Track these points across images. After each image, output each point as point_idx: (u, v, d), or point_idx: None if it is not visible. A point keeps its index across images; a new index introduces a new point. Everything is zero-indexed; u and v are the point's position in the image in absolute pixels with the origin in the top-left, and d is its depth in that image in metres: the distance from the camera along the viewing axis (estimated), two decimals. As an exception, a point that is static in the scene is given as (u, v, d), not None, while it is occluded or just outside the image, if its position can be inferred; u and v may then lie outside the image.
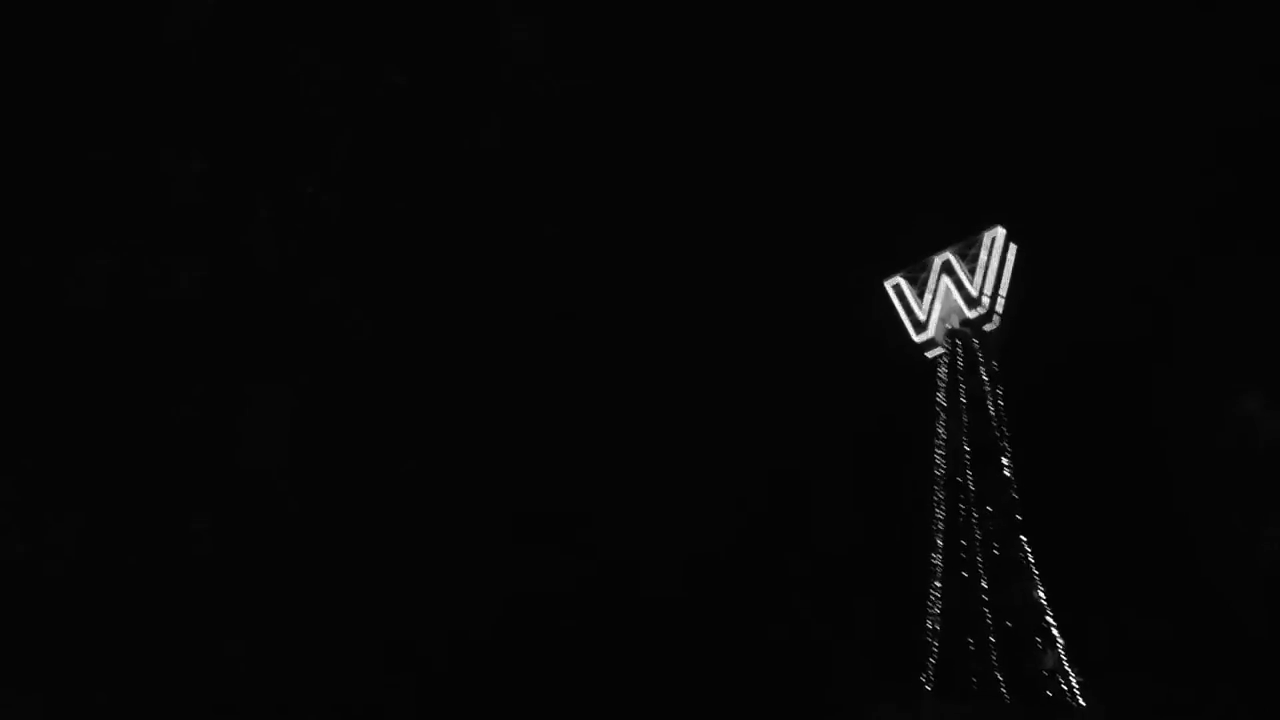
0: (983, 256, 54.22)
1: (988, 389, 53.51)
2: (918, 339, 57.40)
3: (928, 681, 49.94)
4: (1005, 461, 52.49)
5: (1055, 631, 49.38)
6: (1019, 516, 51.51)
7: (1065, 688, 48.00)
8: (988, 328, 54.34)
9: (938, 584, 51.73)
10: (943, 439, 53.80)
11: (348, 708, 46.48)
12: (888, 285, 59.48)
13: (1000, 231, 54.34)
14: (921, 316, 57.06)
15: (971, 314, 54.46)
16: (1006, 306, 55.19)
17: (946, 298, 55.74)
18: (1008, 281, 54.15)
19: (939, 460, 53.65)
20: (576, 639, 55.63)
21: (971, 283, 54.45)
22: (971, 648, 49.63)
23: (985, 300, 53.89)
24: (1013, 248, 54.39)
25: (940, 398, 54.60)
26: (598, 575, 58.32)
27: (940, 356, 56.11)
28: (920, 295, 57.76)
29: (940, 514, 52.73)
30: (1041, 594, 50.32)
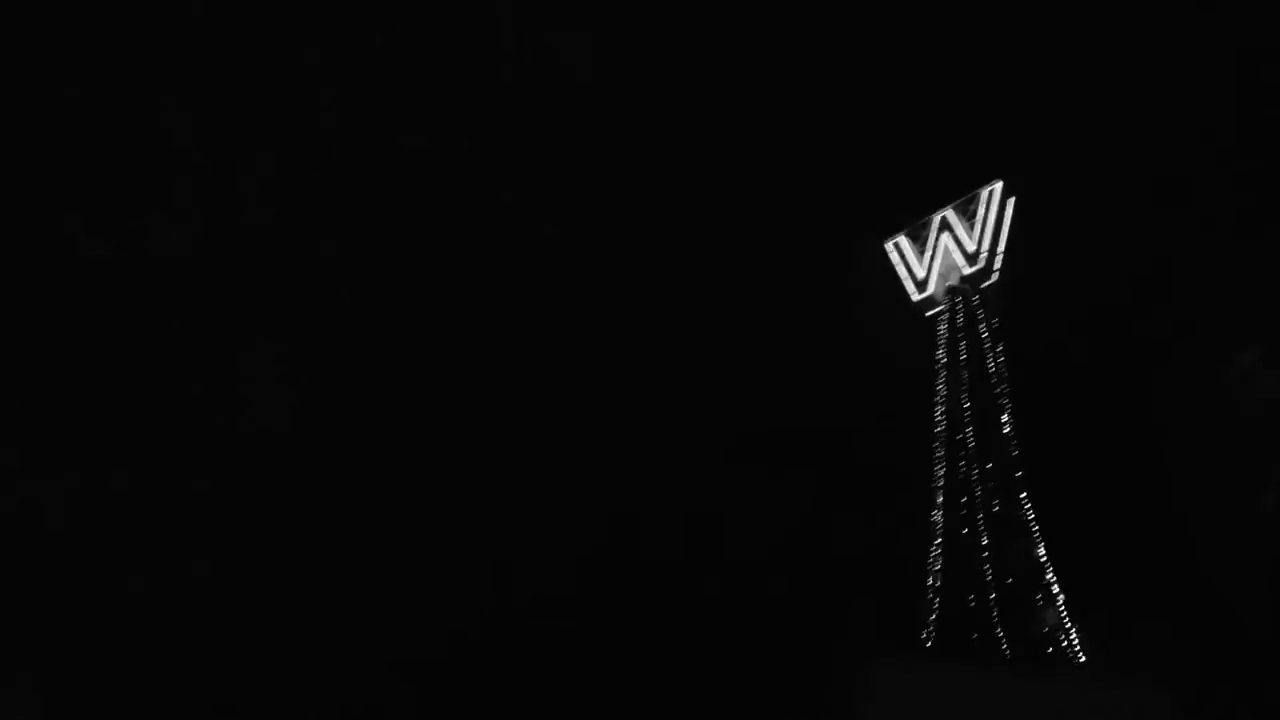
0: (980, 211, 53.77)
1: (988, 346, 53.16)
2: (917, 298, 57.01)
3: (929, 640, 49.80)
4: (1005, 418, 52.19)
5: (1056, 589, 49.18)
6: (1019, 473, 51.26)
7: (1066, 644, 47.82)
8: (986, 284, 53.93)
9: (938, 541, 51.53)
10: (942, 396, 53.49)
11: (348, 708, 46.60)
12: (888, 245, 59.06)
13: (998, 185, 53.84)
14: (921, 275, 56.66)
15: (969, 270, 54.06)
16: (1009, 263, 54.76)
17: (946, 255, 55.32)
18: (1006, 235, 53.70)
19: (939, 418, 53.37)
20: (576, 639, 55.61)
21: (970, 238, 54.02)
22: (972, 605, 49.43)
23: (983, 255, 53.47)
24: (1011, 201, 53.88)
25: (940, 355, 54.28)
26: (597, 573, 58.32)
27: (940, 314, 55.75)
28: (921, 254, 57.35)
29: (940, 471, 52.48)
30: (1042, 551, 50.09)
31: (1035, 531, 50.30)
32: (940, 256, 55.55)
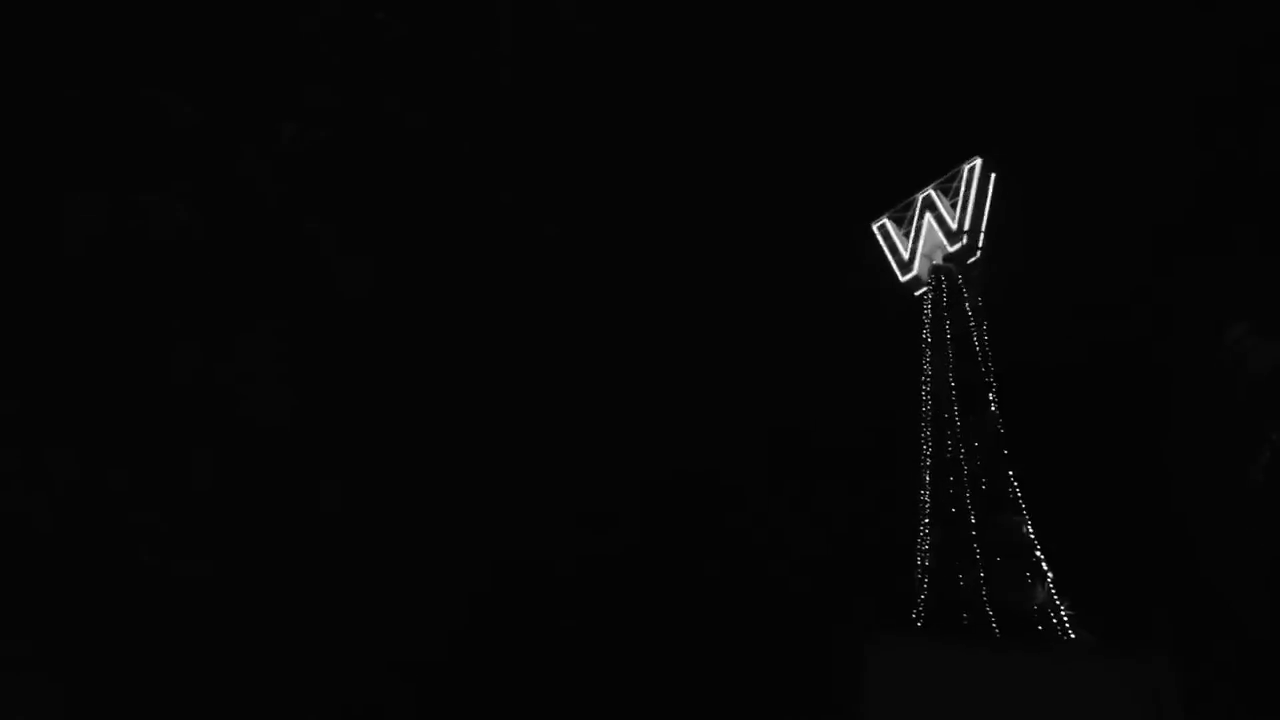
0: (961, 188, 53.58)
1: (972, 324, 52.91)
2: (903, 279, 56.88)
3: (919, 619, 49.60)
4: (991, 397, 51.95)
5: (1045, 566, 48.97)
6: (1006, 452, 51.02)
7: (1056, 621, 47.60)
8: (970, 261, 53.70)
9: (926, 521, 51.32)
10: (928, 376, 53.28)
11: (348, 708, 46.59)
12: (874, 228, 59.05)
13: (977, 162, 53.62)
14: (905, 256, 56.53)
15: (952, 248, 53.85)
16: (993, 241, 54.54)
17: (930, 234, 55.18)
18: (988, 211, 53.44)
19: (925, 397, 53.15)
20: (576, 639, 55.55)
21: (952, 216, 53.82)
22: (961, 584, 49.20)
23: (965, 233, 53.24)
24: (993, 177, 53.65)
25: (925, 334, 54.08)
26: (598, 572, 58.25)
27: (926, 293, 55.58)
28: (907, 235, 57.23)
29: (927, 451, 52.24)
30: (1030, 529, 49.89)
31: (1023, 509, 50.13)
32: (924, 236, 55.41)
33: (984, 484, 50.60)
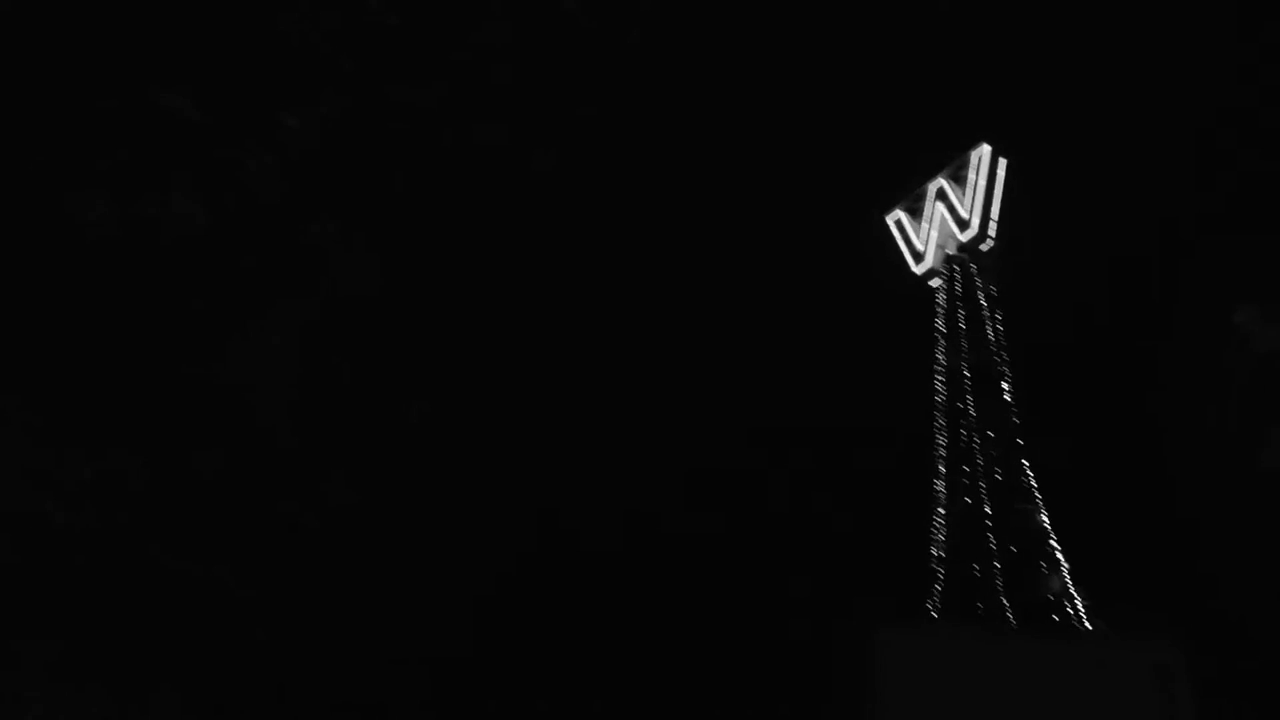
0: (971, 176, 53.24)
1: (986, 313, 52.65)
2: (918, 270, 56.57)
3: (934, 609, 49.43)
4: (1005, 386, 51.67)
5: (1060, 555, 48.64)
6: (1020, 441, 50.73)
7: (1071, 611, 47.28)
8: (983, 248, 53.37)
9: (941, 510, 51.10)
10: (942, 365, 53.02)
11: (349, 706, 46.88)
12: (889, 220, 58.76)
13: (986, 149, 53.29)
14: (920, 247, 56.23)
15: (964, 236, 53.52)
16: (1006, 229, 54.19)
17: (942, 224, 54.86)
18: (999, 198, 53.03)
19: (939, 386, 52.91)
20: (575, 636, 55.62)
21: (963, 205, 53.50)
22: (977, 573, 48.98)
23: (976, 220, 52.91)
24: (1002, 163, 53.25)
25: (939, 323, 53.81)
26: (597, 569, 58.30)
27: (939, 284, 55.30)
28: (920, 226, 56.94)
29: (942, 440, 52.01)
30: (1045, 518, 49.58)
31: (1038, 498, 49.80)
32: (937, 226, 55.10)
33: (998, 473, 50.36)
